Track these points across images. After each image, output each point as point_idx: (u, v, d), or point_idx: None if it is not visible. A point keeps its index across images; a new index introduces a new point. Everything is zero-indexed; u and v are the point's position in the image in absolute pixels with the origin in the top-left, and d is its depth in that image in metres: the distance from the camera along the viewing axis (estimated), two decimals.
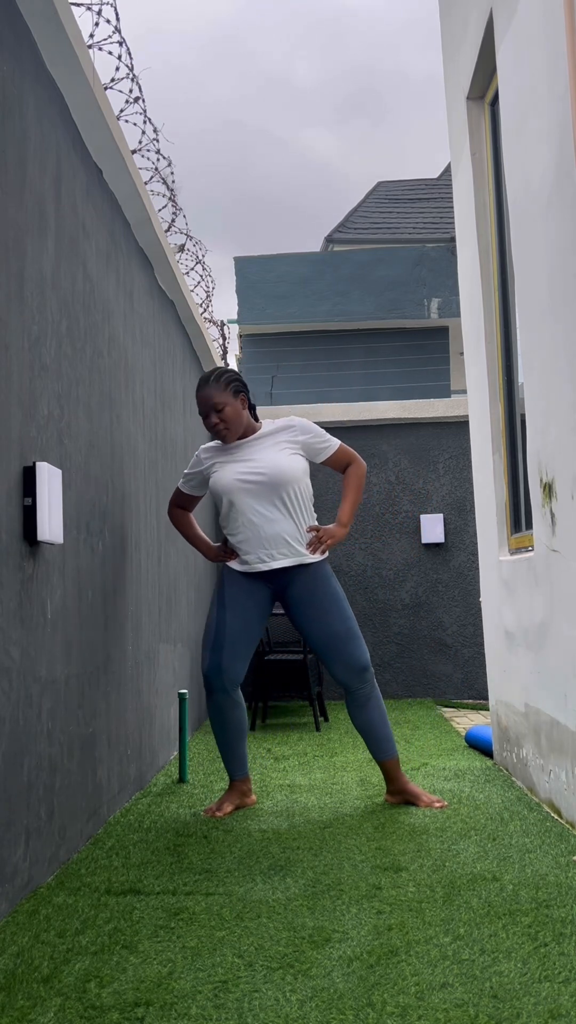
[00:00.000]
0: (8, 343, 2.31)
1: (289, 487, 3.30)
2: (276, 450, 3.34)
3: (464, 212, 4.38)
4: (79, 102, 2.96)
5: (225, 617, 3.33)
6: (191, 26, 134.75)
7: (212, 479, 3.38)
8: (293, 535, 3.30)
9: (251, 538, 3.30)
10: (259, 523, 3.28)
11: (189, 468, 3.52)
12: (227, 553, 3.42)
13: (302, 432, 3.40)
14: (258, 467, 3.30)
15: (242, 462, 3.34)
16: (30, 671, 2.41)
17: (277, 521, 3.29)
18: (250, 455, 3.35)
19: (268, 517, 3.28)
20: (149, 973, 1.86)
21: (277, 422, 3.43)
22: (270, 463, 3.30)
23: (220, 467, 3.37)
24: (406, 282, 11.47)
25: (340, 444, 3.46)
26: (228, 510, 3.34)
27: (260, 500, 3.29)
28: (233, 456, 3.38)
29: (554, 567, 3.02)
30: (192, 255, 5.53)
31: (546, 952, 1.91)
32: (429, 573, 6.53)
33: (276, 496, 3.29)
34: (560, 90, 2.76)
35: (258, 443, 3.38)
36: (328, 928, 2.09)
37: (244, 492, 3.29)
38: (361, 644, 3.33)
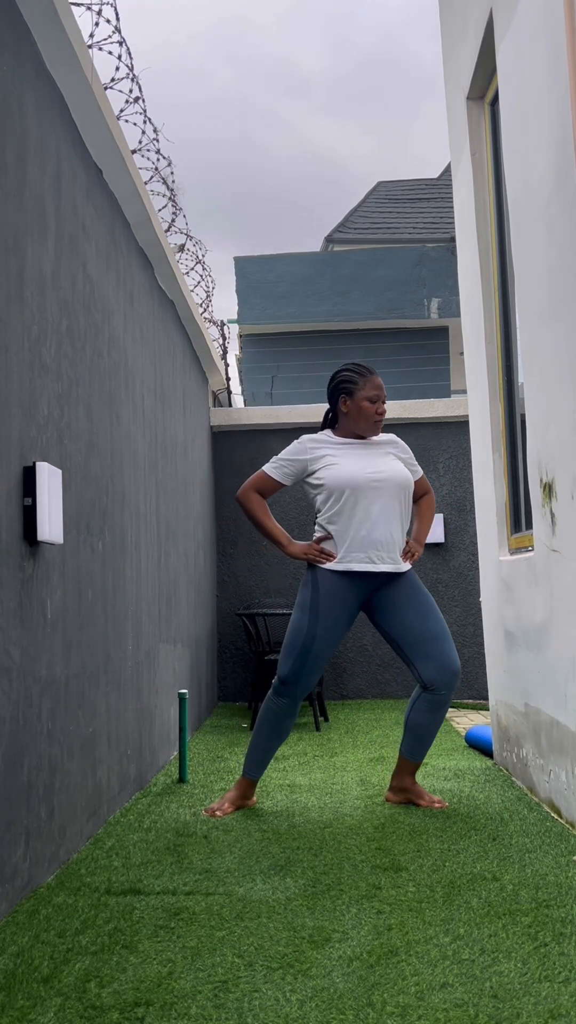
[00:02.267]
0: (8, 343, 2.31)
1: (407, 494, 3.31)
2: (391, 459, 3.34)
3: (464, 212, 4.38)
4: (79, 102, 2.96)
5: (316, 628, 3.22)
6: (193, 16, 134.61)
7: (331, 471, 3.26)
8: (399, 541, 3.29)
9: (364, 537, 3.23)
10: (376, 523, 3.23)
11: (289, 454, 3.35)
12: (323, 552, 3.28)
13: (403, 451, 3.42)
14: (382, 468, 3.28)
15: (363, 460, 3.30)
16: (30, 671, 2.41)
17: (391, 525, 3.26)
18: (368, 457, 3.31)
19: (386, 520, 3.25)
20: (149, 973, 1.86)
21: (381, 435, 3.42)
22: (394, 468, 3.30)
23: (338, 460, 3.29)
24: (406, 282, 11.47)
25: (423, 473, 3.54)
26: (344, 505, 3.24)
27: (385, 500, 3.25)
28: (349, 454, 3.32)
29: (554, 567, 3.02)
30: (192, 255, 5.54)
31: (546, 952, 1.91)
32: (429, 573, 6.52)
33: (396, 500, 3.27)
34: (560, 90, 2.76)
35: (370, 449, 3.35)
36: (328, 928, 2.09)
37: (372, 490, 3.24)
38: (455, 649, 3.31)
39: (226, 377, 7.12)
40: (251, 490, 3.38)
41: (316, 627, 3.22)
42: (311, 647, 3.21)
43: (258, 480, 3.37)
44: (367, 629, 6.46)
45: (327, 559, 3.26)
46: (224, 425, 6.77)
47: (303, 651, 3.22)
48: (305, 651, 3.22)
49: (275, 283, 11.59)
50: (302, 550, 3.30)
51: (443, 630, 3.29)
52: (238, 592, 6.66)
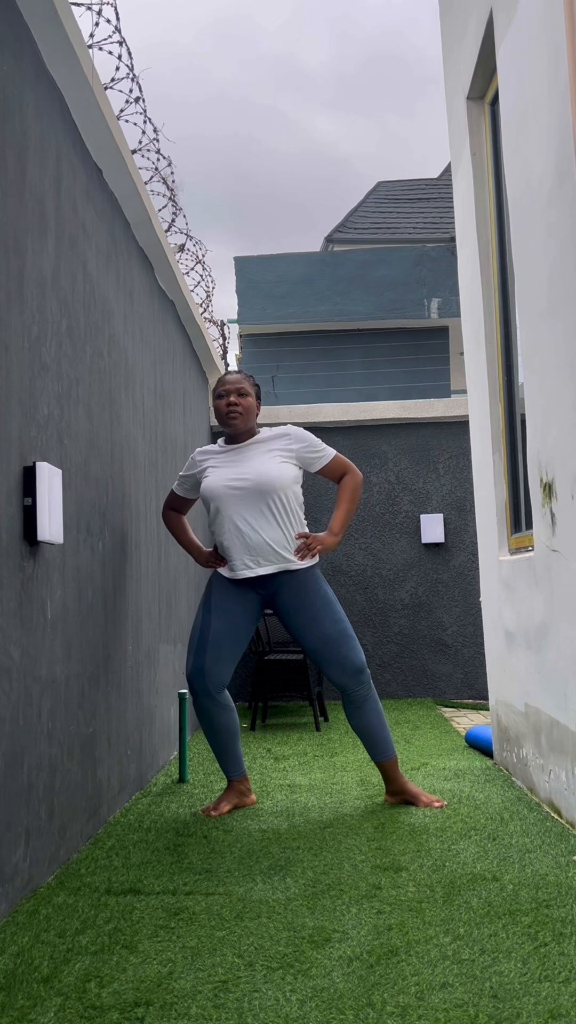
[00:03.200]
0: (8, 343, 2.31)
1: (276, 494, 3.29)
2: (267, 457, 3.35)
3: (464, 212, 4.38)
4: (79, 102, 2.96)
5: (210, 621, 3.33)
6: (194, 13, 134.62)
7: (203, 483, 3.38)
8: (280, 542, 3.29)
9: (237, 544, 3.30)
10: (245, 530, 3.28)
11: (184, 471, 3.54)
12: (217, 559, 3.41)
13: (296, 441, 3.40)
14: (245, 473, 3.31)
15: (232, 467, 3.35)
16: (30, 671, 2.41)
17: (263, 528, 3.28)
18: (241, 461, 3.36)
19: (254, 524, 3.28)
20: (149, 973, 1.86)
21: (274, 430, 3.44)
22: (258, 470, 3.31)
23: (211, 471, 3.38)
24: (406, 282, 11.47)
25: (335, 454, 3.46)
26: (216, 516, 3.35)
27: (247, 507, 3.28)
28: (225, 461, 3.39)
29: (554, 567, 3.02)
30: (192, 255, 5.53)
31: (546, 952, 1.91)
32: (429, 573, 6.52)
33: (263, 503, 3.28)
34: (560, 90, 2.76)
35: (251, 449, 3.39)
36: (328, 928, 2.09)
37: (231, 498, 3.29)
38: (355, 646, 3.31)
39: None
40: (167, 508, 3.66)
41: (209, 620, 3.33)
42: (206, 640, 3.31)
43: (169, 498, 3.65)
44: (367, 629, 6.47)
45: (220, 564, 3.40)
46: (219, 426, 6.76)
47: (199, 646, 3.32)
48: (201, 645, 3.32)
49: (275, 283, 11.59)
50: (204, 560, 3.50)
51: (339, 631, 3.30)
52: None
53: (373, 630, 6.47)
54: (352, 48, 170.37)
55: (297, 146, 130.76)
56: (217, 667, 3.30)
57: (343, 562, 6.56)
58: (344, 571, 6.55)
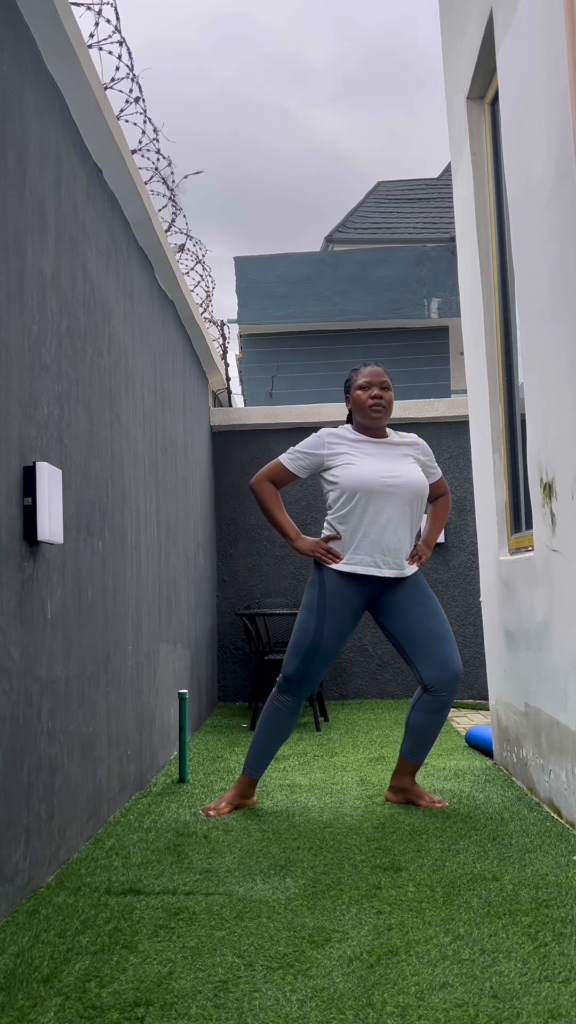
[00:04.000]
0: (8, 343, 2.31)
1: (420, 502, 3.28)
2: (408, 462, 3.30)
3: (464, 212, 4.38)
4: (79, 102, 2.96)
5: (323, 628, 3.22)
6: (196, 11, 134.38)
7: (346, 470, 3.23)
8: (407, 547, 3.27)
9: (372, 541, 3.21)
10: (386, 528, 3.21)
11: (306, 447, 3.32)
12: (329, 552, 3.25)
13: (423, 453, 3.39)
14: (398, 473, 3.24)
15: (379, 461, 3.26)
16: (30, 671, 2.41)
17: (401, 531, 3.23)
18: (385, 457, 3.28)
19: (396, 525, 3.22)
20: (149, 973, 1.86)
21: (402, 435, 3.39)
22: (411, 475, 3.26)
23: (355, 459, 3.25)
24: (406, 282, 11.47)
25: (442, 475, 3.50)
26: (355, 507, 3.21)
27: (396, 506, 3.21)
28: (366, 453, 3.28)
29: (554, 567, 3.02)
30: (192, 255, 5.54)
31: (546, 952, 1.91)
32: (429, 573, 6.52)
33: (408, 507, 3.24)
34: (560, 89, 2.76)
35: (389, 448, 3.32)
36: (328, 928, 2.09)
37: (385, 495, 3.21)
38: (458, 651, 3.30)
39: (226, 377, 7.12)
40: (265, 479, 3.36)
41: (323, 628, 3.21)
42: (317, 648, 3.21)
43: (273, 470, 3.35)
44: (367, 629, 6.46)
45: (333, 559, 3.24)
46: (224, 425, 6.77)
47: (310, 651, 3.22)
48: (312, 652, 3.22)
49: (275, 283, 11.59)
50: (309, 547, 3.28)
51: (446, 632, 3.28)
52: (238, 592, 6.66)
53: (373, 630, 6.47)
54: (354, 45, 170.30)
55: (299, 144, 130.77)
56: (318, 676, 3.27)
57: None
58: None
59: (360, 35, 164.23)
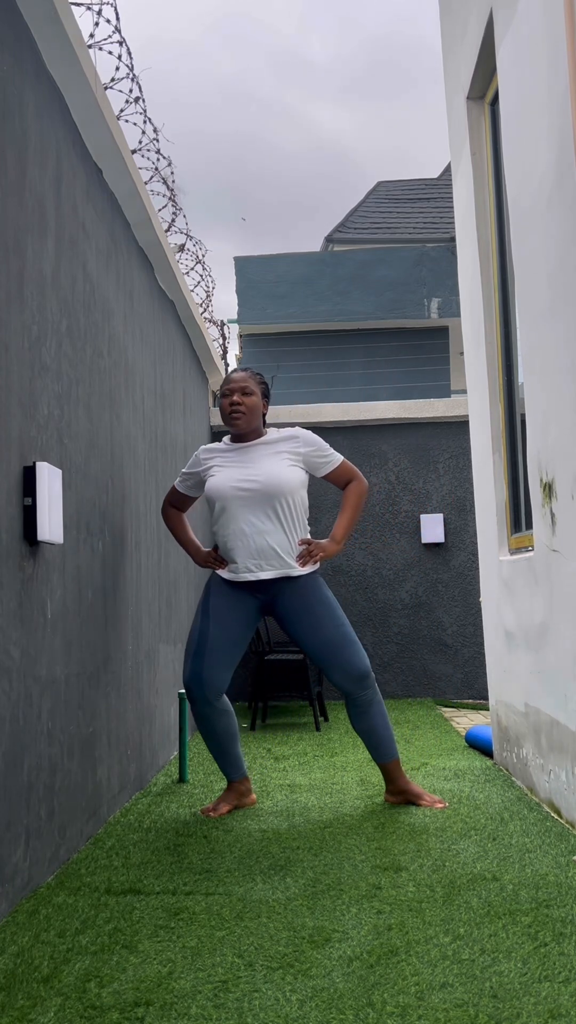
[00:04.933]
0: (8, 343, 2.31)
1: (283, 498, 3.26)
2: (275, 460, 3.31)
3: (464, 212, 4.38)
4: (79, 102, 2.96)
5: (208, 626, 3.28)
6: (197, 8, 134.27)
7: (208, 482, 3.34)
8: (284, 547, 3.26)
9: (240, 547, 3.26)
10: (250, 532, 3.25)
11: (187, 468, 3.49)
12: (216, 560, 3.37)
13: (305, 444, 3.36)
14: (254, 475, 3.27)
15: (239, 468, 3.31)
16: (30, 671, 2.41)
17: (268, 532, 3.25)
18: (249, 461, 3.32)
19: (259, 527, 3.24)
20: (149, 973, 1.86)
21: (282, 431, 3.39)
22: (266, 472, 3.27)
23: (217, 471, 3.34)
24: (406, 282, 11.47)
25: (343, 460, 3.43)
26: (220, 516, 3.31)
27: (253, 509, 3.25)
28: (232, 461, 3.35)
29: (554, 567, 3.02)
30: (192, 255, 5.54)
31: (546, 952, 1.91)
32: (429, 573, 6.52)
33: (269, 506, 3.25)
34: (560, 90, 2.76)
35: (258, 449, 3.35)
36: (328, 928, 2.09)
37: (237, 500, 3.25)
38: (359, 650, 3.28)
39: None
40: (167, 505, 3.59)
41: (207, 626, 3.29)
42: (204, 647, 3.27)
43: (170, 494, 3.58)
44: (367, 629, 6.46)
45: (220, 566, 3.35)
46: (224, 425, 6.77)
47: (196, 652, 3.29)
48: (199, 652, 3.28)
49: (275, 283, 11.59)
50: (202, 559, 3.45)
51: (340, 636, 3.26)
52: None
53: (373, 630, 6.47)
54: (356, 43, 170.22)
55: (300, 142, 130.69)
56: (214, 673, 3.27)
57: (343, 562, 6.56)
58: (344, 571, 6.55)
59: (362, 33, 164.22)
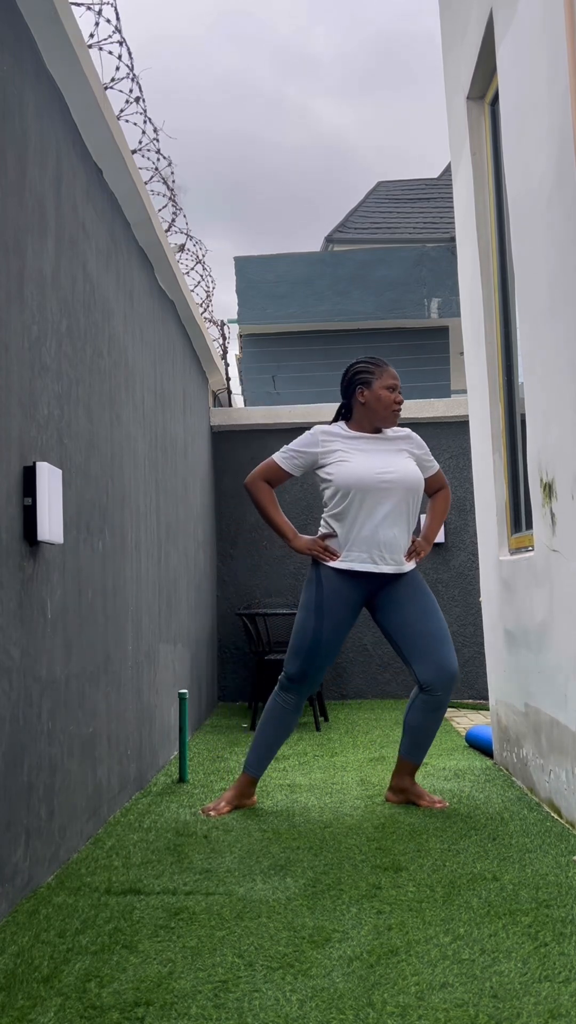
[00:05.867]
0: (8, 343, 2.31)
1: (415, 495, 3.27)
2: (403, 457, 3.30)
3: (464, 212, 4.38)
4: (79, 102, 2.96)
5: (322, 626, 3.22)
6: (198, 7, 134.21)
7: (340, 468, 3.22)
8: (404, 543, 3.26)
9: (368, 537, 3.20)
10: (381, 524, 3.20)
11: (300, 445, 3.31)
12: (326, 549, 3.25)
13: (418, 447, 3.38)
14: (394, 469, 3.23)
15: (374, 457, 3.25)
16: (30, 671, 2.41)
17: (397, 527, 3.23)
18: (379, 453, 3.27)
19: (392, 521, 3.21)
20: (149, 973, 1.86)
21: (396, 430, 3.37)
22: (405, 469, 3.25)
23: (349, 457, 3.25)
24: (406, 282, 11.47)
25: (439, 468, 3.47)
26: (351, 504, 3.21)
27: (391, 502, 3.21)
28: (359, 449, 3.28)
29: (554, 567, 3.02)
30: (192, 255, 5.54)
31: (546, 952, 1.91)
32: (429, 573, 6.52)
33: (403, 501, 3.23)
34: (560, 90, 2.76)
35: (382, 443, 3.31)
36: (328, 928, 2.09)
37: (379, 491, 3.20)
38: (454, 650, 3.29)
39: (226, 377, 7.12)
40: (259, 479, 3.34)
41: (322, 626, 3.22)
42: (318, 646, 3.22)
43: (267, 468, 3.33)
44: (367, 629, 6.46)
45: (331, 557, 3.24)
46: (224, 425, 6.77)
47: (310, 650, 3.22)
48: (312, 650, 3.22)
49: (275, 283, 11.59)
50: (307, 545, 3.28)
51: (443, 631, 3.27)
52: (238, 592, 6.66)
53: (373, 629, 6.47)
54: (359, 39, 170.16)
55: (302, 138, 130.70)
56: (319, 674, 3.27)
57: None
58: None
59: (364, 30, 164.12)
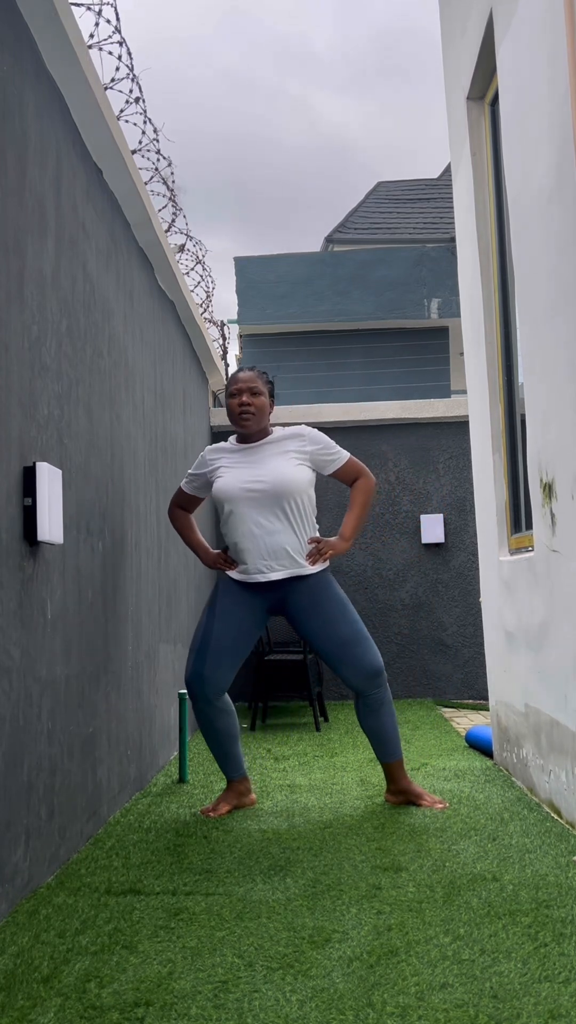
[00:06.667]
0: (8, 343, 2.31)
1: (292, 498, 3.24)
2: (283, 459, 3.29)
3: (464, 212, 4.38)
4: (79, 102, 2.96)
5: (213, 626, 3.28)
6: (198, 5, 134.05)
7: (216, 484, 3.32)
8: (294, 546, 3.25)
9: (251, 548, 3.25)
10: (259, 533, 3.23)
11: (194, 469, 3.48)
12: (226, 561, 3.36)
13: (311, 443, 3.35)
14: (262, 475, 3.25)
15: (247, 468, 3.29)
16: (30, 671, 2.41)
17: (278, 532, 3.23)
18: (255, 461, 3.30)
19: (269, 528, 3.23)
20: (149, 973, 1.86)
21: (287, 429, 3.37)
22: (274, 472, 3.25)
23: (225, 471, 3.32)
24: (406, 282, 11.46)
25: (349, 457, 3.41)
26: (229, 517, 3.29)
27: (262, 510, 3.23)
28: (238, 461, 3.33)
29: (554, 567, 3.02)
30: (192, 255, 5.54)
31: (546, 952, 1.91)
32: (429, 573, 6.52)
33: (278, 507, 3.23)
34: (560, 90, 2.76)
35: (265, 449, 3.33)
36: (328, 928, 2.09)
37: (246, 501, 3.24)
38: (372, 647, 3.28)
39: (226, 377, 7.12)
40: (174, 506, 3.59)
41: (212, 624, 3.28)
42: (207, 646, 3.27)
43: (177, 496, 3.57)
44: (367, 629, 6.46)
45: (230, 567, 3.34)
46: (224, 425, 6.77)
47: (200, 651, 3.28)
48: (202, 650, 3.28)
49: (275, 283, 11.59)
50: (212, 561, 3.44)
51: (353, 633, 3.26)
52: None
53: (373, 630, 6.47)
54: (361, 36, 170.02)
55: (303, 139, 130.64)
56: (217, 673, 3.27)
57: (343, 562, 6.56)
58: (344, 571, 6.54)
59: (366, 27, 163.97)
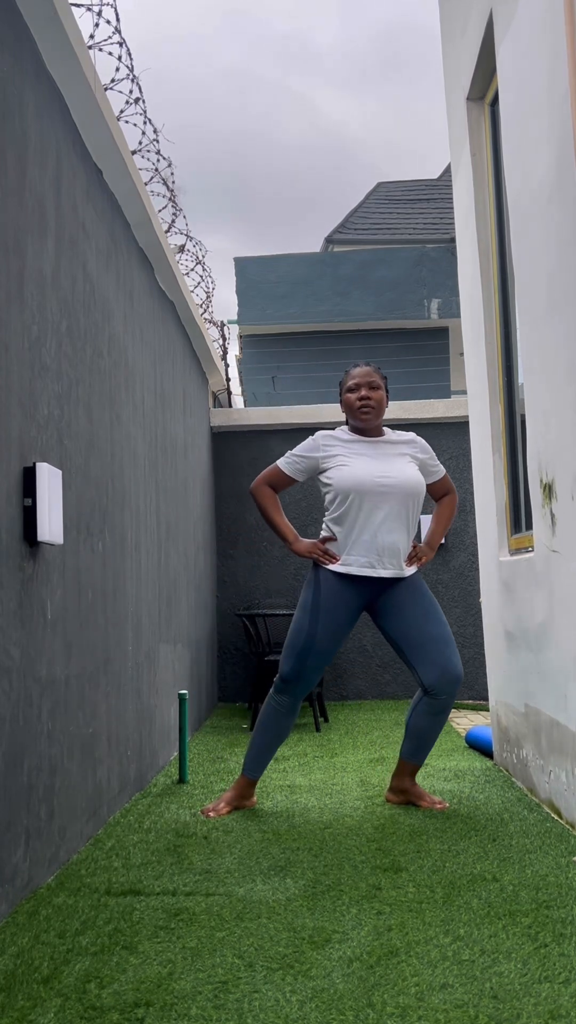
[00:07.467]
0: (8, 343, 2.31)
1: (415, 500, 3.26)
2: (404, 461, 3.29)
3: (464, 212, 4.38)
4: (79, 102, 2.96)
5: (317, 628, 3.22)
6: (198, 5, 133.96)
7: (340, 472, 3.24)
8: (404, 547, 3.25)
9: (367, 541, 3.21)
10: (380, 529, 3.20)
11: (302, 450, 3.34)
12: (326, 552, 3.26)
13: (423, 451, 3.37)
14: (389, 472, 3.23)
15: (373, 462, 3.25)
16: (30, 671, 2.41)
17: (395, 531, 3.22)
18: (380, 457, 3.27)
19: (390, 525, 3.21)
20: (149, 974, 1.86)
21: (399, 433, 3.37)
22: (404, 473, 3.25)
23: (349, 461, 3.26)
24: (406, 282, 11.46)
25: (445, 473, 3.46)
26: (349, 508, 3.22)
27: (390, 506, 3.20)
28: (360, 453, 3.28)
29: (554, 567, 3.02)
30: (192, 255, 5.54)
31: (546, 953, 1.91)
32: (429, 573, 6.52)
33: (402, 506, 3.22)
34: (560, 90, 2.76)
35: (384, 447, 3.31)
36: (328, 928, 2.09)
37: (376, 495, 3.20)
38: (457, 653, 3.27)
39: (226, 378, 7.12)
40: (263, 484, 3.39)
41: (317, 627, 3.21)
42: (312, 647, 3.21)
43: (270, 474, 3.39)
44: (367, 630, 6.46)
45: (330, 560, 3.25)
46: (224, 426, 6.77)
47: (304, 651, 3.22)
48: (306, 651, 3.22)
49: (275, 283, 11.59)
50: (307, 548, 3.30)
51: (445, 634, 3.26)
52: (238, 593, 6.66)
53: (373, 630, 6.47)
54: (362, 33, 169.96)
55: (304, 138, 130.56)
56: (314, 676, 3.26)
57: None
58: None
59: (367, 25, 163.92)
